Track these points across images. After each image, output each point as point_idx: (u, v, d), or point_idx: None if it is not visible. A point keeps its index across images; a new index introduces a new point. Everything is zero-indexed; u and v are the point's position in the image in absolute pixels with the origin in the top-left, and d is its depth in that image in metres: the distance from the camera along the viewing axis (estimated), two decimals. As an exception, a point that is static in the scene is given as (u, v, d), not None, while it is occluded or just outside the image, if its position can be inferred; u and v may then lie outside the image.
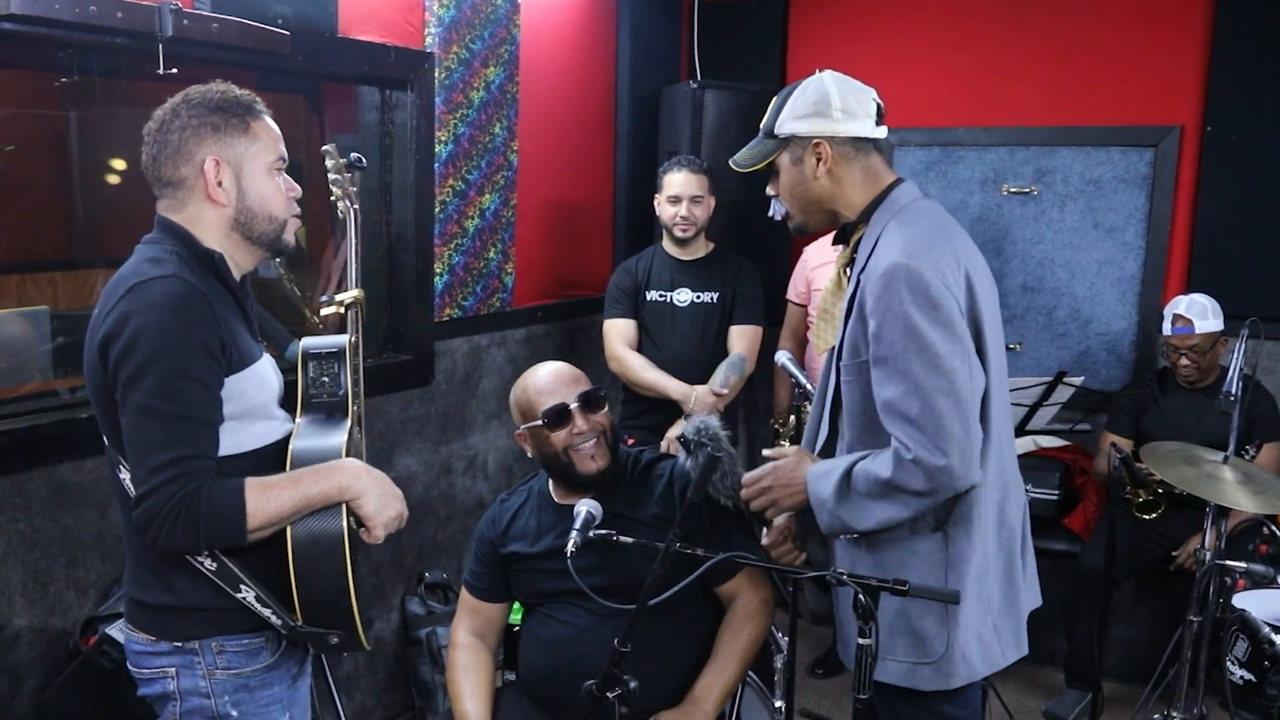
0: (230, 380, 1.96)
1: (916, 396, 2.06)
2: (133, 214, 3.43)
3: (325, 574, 1.98)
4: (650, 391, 3.97)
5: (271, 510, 1.91)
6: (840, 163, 2.24)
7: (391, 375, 3.78)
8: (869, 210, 2.25)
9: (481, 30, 3.97)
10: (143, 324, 1.85)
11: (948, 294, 2.09)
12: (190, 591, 1.99)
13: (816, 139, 2.23)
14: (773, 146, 2.29)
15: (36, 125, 3.15)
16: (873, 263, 2.16)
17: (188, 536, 1.86)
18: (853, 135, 2.23)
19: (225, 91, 2.04)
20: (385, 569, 3.89)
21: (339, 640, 2.04)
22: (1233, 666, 3.16)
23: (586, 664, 2.31)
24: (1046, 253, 4.76)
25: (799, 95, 2.25)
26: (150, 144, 2.03)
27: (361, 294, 2.37)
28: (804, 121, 2.23)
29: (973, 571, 2.18)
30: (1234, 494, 2.92)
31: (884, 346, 2.09)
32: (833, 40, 5.12)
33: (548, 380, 2.59)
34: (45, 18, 2.52)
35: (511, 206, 4.27)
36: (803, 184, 2.28)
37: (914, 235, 2.15)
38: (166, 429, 1.85)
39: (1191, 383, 4.11)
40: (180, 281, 1.90)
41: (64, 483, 2.81)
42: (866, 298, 2.13)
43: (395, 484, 2.12)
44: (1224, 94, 4.33)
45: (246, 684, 2.04)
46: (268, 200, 2.06)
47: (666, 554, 2.07)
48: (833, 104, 2.22)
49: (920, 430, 2.06)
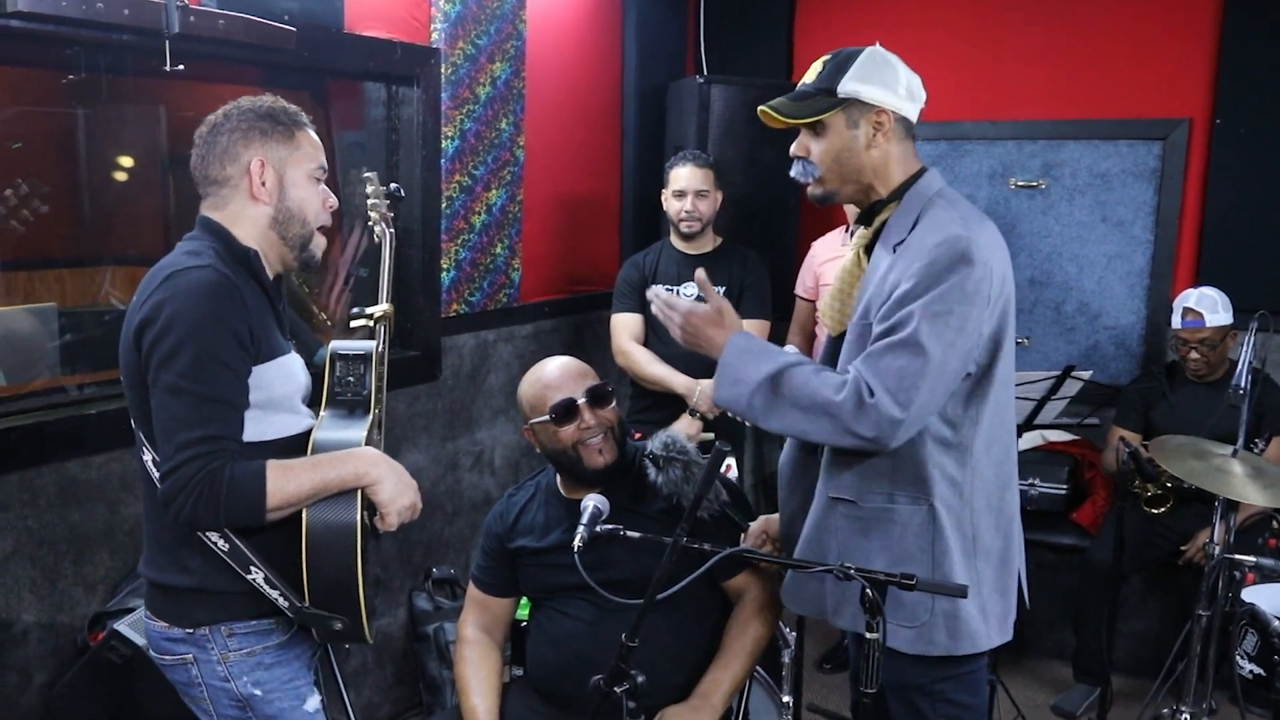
0: (257, 369, 2.04)
1: (911, 351, 2.04)
2: (139, 211, 3.45)
3: (336, 560, 2.04)
4: (656, 386, 3.97)
5: (290, 491, 1.99)
6: (893, 138, 2.21)
7: (398, 371, 3.78)
8: (901, 190, 2.23)
9: (487, 25, 3.97)
10: (177, 309, 1.95)
11: (989, 277, 2.09)
12: (203, 572, 2.06)
13: (881, 108, 2.19)
14: (828, 104, 2.20)
15: (43, 123, 3.15)
16: (920, 233, 2.13)
17: (209, 512, 1.93)
18: (907, 116, 2.22)
19: (274, 102, 2.17)
20: (393, 564, 3.90)
21: (342, 626, 2.09)
22: (1242, 661, 3.16)
23: (594, 659, 2.31)
24: (1054, 246, 4.74)
25: (866, 60, 2.19)
26: (200, 145, 2.14)
27: (391, 309, 2.45)
28: (871, 87, 2.18)
29: (958, 547, 2.18)
30: (1243, 488, 2.91)
31: (906, 298, 2.07)
32: (839, 33, 5.10)
33: (556, 375, 2.59)
34: (51, 15, 2.52)
35: (518, 202, 4.26)
36: (852, 150, 2.21)
37: (967, 214, 2.16)
38: (195, 409, 1.93)
39: (1200, 376, 4.10)
40: (215, 272, 2.00)
41: (72, 479, 2.82)
42: (908, 263, 2.10)
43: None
44: (1233, 86, 4.32)
45: (262, 661, 2.12)
46: (305, 203, 2.18)
47: (674, 549, 2.06)
48: (900, 79, 2.20)
49: (898, 380, 2.04)
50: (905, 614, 2.18)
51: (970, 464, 2.18)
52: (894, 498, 2.19)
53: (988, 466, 2.21)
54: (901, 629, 2.18)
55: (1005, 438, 2.27)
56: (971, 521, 2.20)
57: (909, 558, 2.18)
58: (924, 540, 2.18)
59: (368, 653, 3.83)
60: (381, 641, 3.89)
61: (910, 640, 2.20)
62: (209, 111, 2.18)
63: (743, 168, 4.51)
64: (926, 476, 2.16)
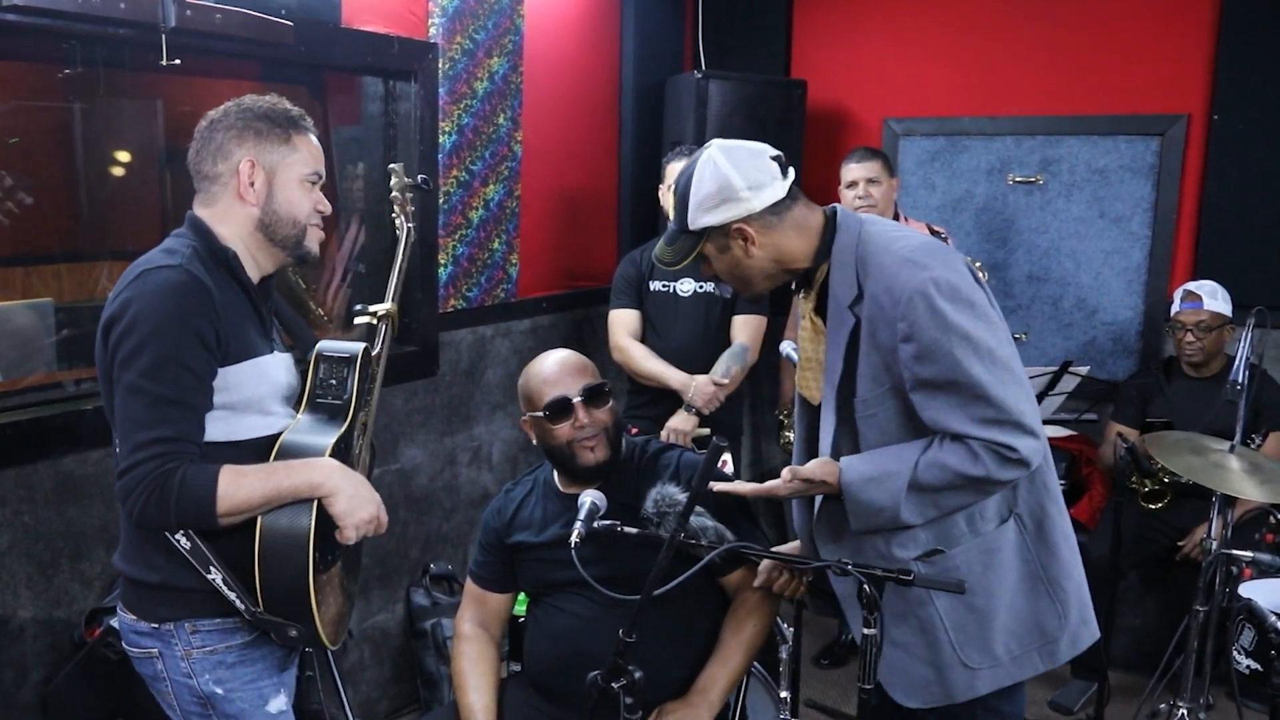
0: (227, 370, 2.04)
1: (988, 395, 2.05)
2: (136, 206, 3.44)
3: (288, 567, 2.04)
4: (652, 381, 3.97)
5: (241, 498, 1.98)
6: (766, 233, 2.17)
7: (396, 366, 3.77)
8: (824, 248, 2.20)
9: (485, 20, 3.96)
10: (142, 309, 1.95)
11: (976, 287, 2.11)
12: (167, 569, 2.07)
13: (735, 224, 2.16)
14: (693, 242, 2.20)
15: (40, 117, 3.15)
16: (879, 288, 2.11)
17: (160, 513, 1.94)
18: (767, 206, 2.15)
19: (276, 103, 2.16)
20: (391, 560, 3.90)
21: (298, 633, 2.10)
22: (1239, 656, 3.15)
23: (592, 654, 2.31)
24: (1052, 242, 4.74)
25: (700, 187, 2.15)
26: (197, 139, 2.14)
27: (395, 308, 2.45)
28: (716, 213, 2.15)
29: (1061, 543, 2.24)
30: (1240, 483, 2.91)
31: (938, 362, 2.06)
32: (836, 30, 5.11)
33: (553, 370, 2.59)
34: (48, 9, 2.52)
35: (516, 197, 4.26)
36: (739, 263, 2.21)
37: (908, 247, 2.14)
38: (153, 409, 1.94)
39: (1196, 365, 4.10)
40: (184, 272, 1.99)
41: (69, 475, 2.82)
42: (889, 324, 2.09)
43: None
44: (1231, 82, 4.32)
45: (224, 660, 2.13)
46: (294, 206, 2.16)
47: (670, 545, 2.06)
48: (735, 185, 2.13)
49: (1000, 426, 2.06)
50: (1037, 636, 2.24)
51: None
52: (976, 526, 2.21)
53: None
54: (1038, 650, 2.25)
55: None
56: (1058, 514, 2.26)
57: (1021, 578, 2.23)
58: (1029, 554, 2.22)
59: (365, 648, 3.84)
60: (379, 637, 3.89)
61: (1049, 654, 2.26)
62: (206, 106, 2.18)
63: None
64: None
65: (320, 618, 2.09)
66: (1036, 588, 2.23)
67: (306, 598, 2.05)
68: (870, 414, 2.18)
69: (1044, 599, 2.23)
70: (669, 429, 3.86)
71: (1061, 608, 2.24)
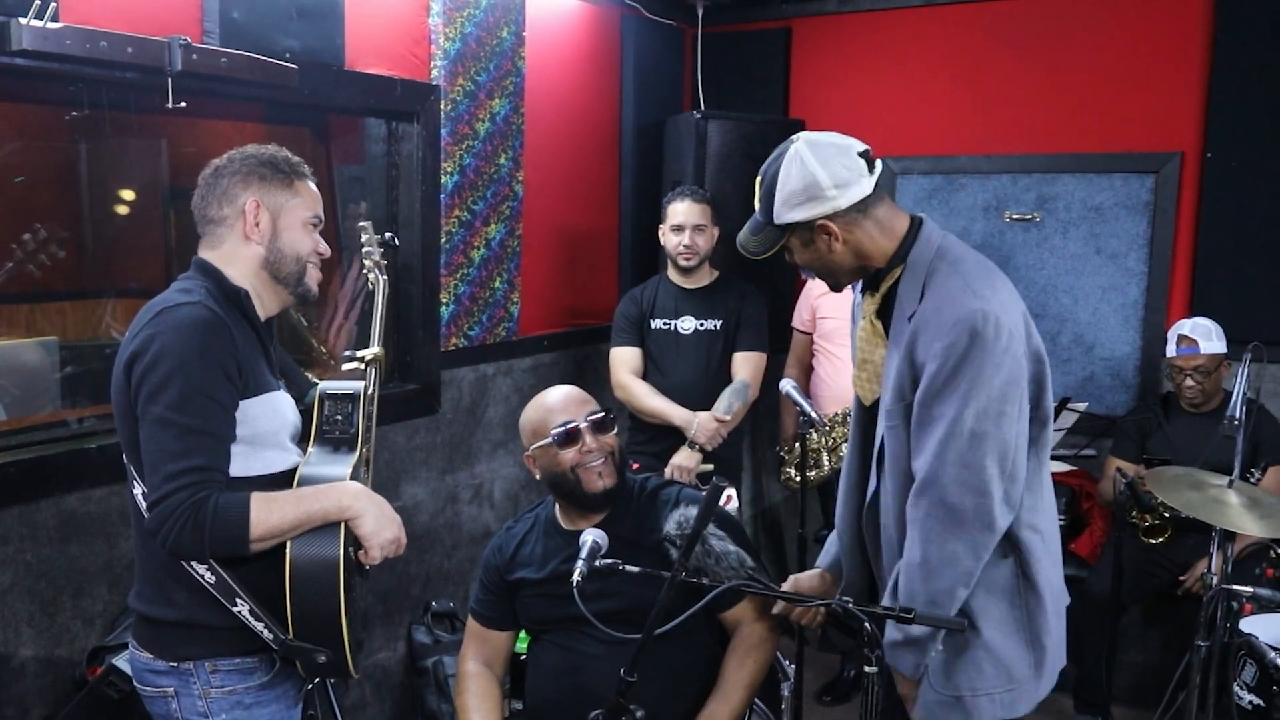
0: (245, 404, 2.08)
1: (961, 439, 2.05)
2: (140, 244, 3.47)
3: (319, 592, 2.07)
4: (654, 418, 3.99)
5: (274, 522, 2.02)
6: (851, 230, 2.18)
7: (398, 404, 3.80)
8: (901, 253, 2.21)
9: (487, 63, 4.01)
10: (166, 344, 2.00)
11: (1019, 337, 2.11)
12: (189, 605, 2.09)
13: (820, 220, 2.17)
14: (777, 234, 2.22)
15: (47, 157, 3.18)
16: (932, 306, 2.12)
17: (194, 541, 1.96)
18: (854, 203, 2.16)
19: (278, 151, 2.24)
20: (392, 597, 3.89)
21: (326, 660, 2.11)
22: (1241, 691, 3.15)
23: (593, 692, 2.31)
24: (1049, 279, 4.77)
25: (786, 182, 2.16)
26: (202, 186, 2.21)
27: (382, 352, 2.50)
28: (801, 209, 2.16)
29: (1047, 594, 2.22)
30: (1239, 518, 2.91)
31: (945, 388, 2.06)
32: (834, 71, 5.16)
33: (559, 401, 2.64)
34: (56, 53, 2.55)
35: (517, 236, 4.29)
36: (823, 257, 2.22)
37: (976, 276, 2.14)
38: (182, 440, 1.97)
39: (1196, 405, 4.11)
40: (204, 309, 2.05)
41: (71, 513, 2.82)
42: (929, 341, 2.09)
43: (399, 513, 2.20)
44: (1223, 120, 4.36)
45: (242, 701, 2.13)
46: (297, 245, 2.22)
47: (672, 583, 2.07)
48: (823, 183, 2.13)
49: (956, 469, 2.05)
50: (1003, 678, 2.21)
51: (1031, 501, 2.20)
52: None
53: (1048, 509, 2.25)
54: (1000, 694, 2.21)
55: (1048, 475, 2.30)
56: (1050, 565, 2.24)
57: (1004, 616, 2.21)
58: (1018, 596, 2.21)
59: (366, 686, 3.82)
60: (380, 675, 3.88)
61: (1009, 702, 2.22)
62: (210, 146, 2.23)
63: (739, 202, 4.53)
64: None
65: (349, 643, 2.11)
66: (1019, 632, 2.21)
67: (338, 622, 2.07)
68: (893, 425, 2.19)
69: (1021, 644, 2.21)
70: (673, 466, 3.87)
71: (1035, 658, 2.22)
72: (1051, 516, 2.29)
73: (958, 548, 2.07)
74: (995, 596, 2.18)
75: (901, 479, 2.20)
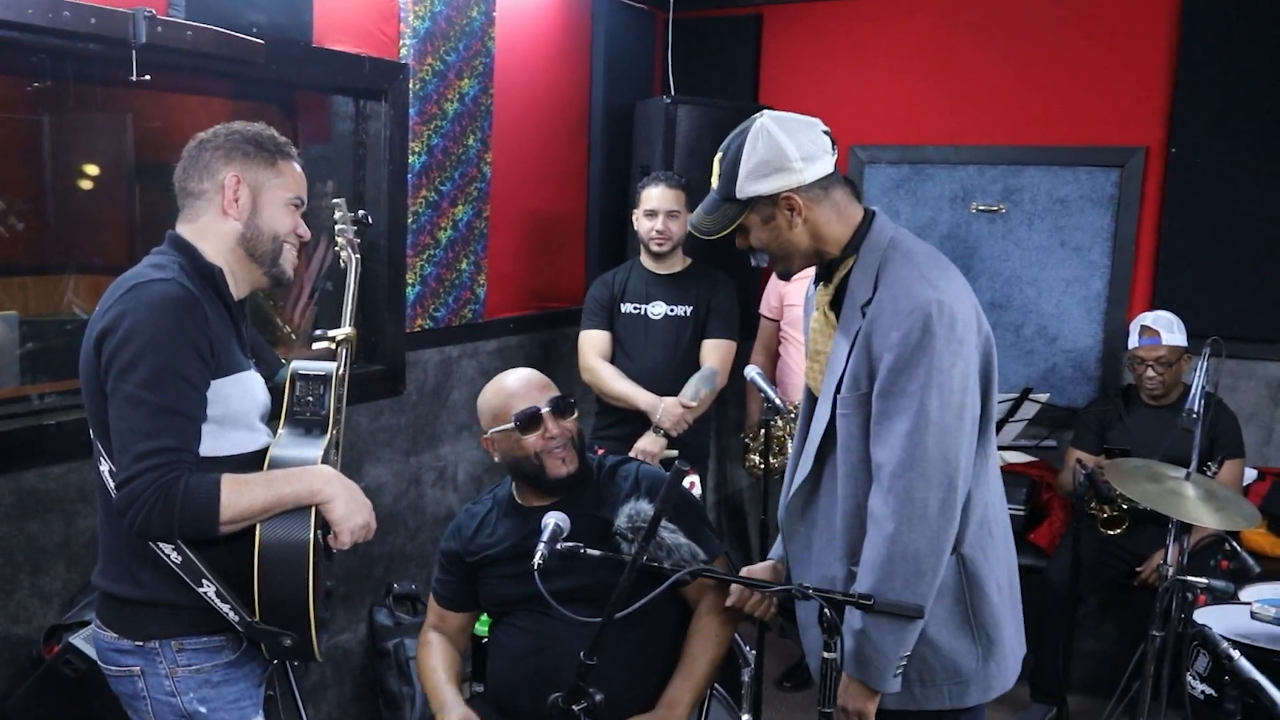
0: (216, 384, 2.06)
1: (927, 431, 2.06)
2: (104, 220, 3.42)
3: (288, 576, 2.06)
4: (620, 402, 3.99)
5: (244, 505, 2.00)
6: (812, 207, 2.17)
7: (362, 385, 3.77)
8: (854, 242, 2.21)
9: (457, 42, 3.98)
10: (138, 320, 1.97)
11: (972, 328, 2.12)
12: (154, 585, 2.07)
13: (785, 194, 2.16)
14: (736, 210, 2.21)
15: (8, 129, 3.13)
16: (888, 295, 2.12)
17: (163, 523, 1.94)
18: (818, 178, 2.16)
19: (264, 129, 2.22)
20: (354, 579, 3.88)
21: (292, 643, 2.10)
22: (1194, 681, 3.19)
23: (554, 674, 2.31)
24: (1014, 270, 4.81)
25: (752, 153, 2.15)
26: (184, 159, 2.19)
27: (354, 332, 2.49)
28: (766, 181, 2.15)
29: (993, 588, 2.23)
30: (1196, 510, 2.95)
31: (903, 378, 2.07)
32: (805, 59, 5.17)
33: (519, 385, 2.63)
34: (17, 22, 2.51)
35: (484, 218, 4.27)
36: (781, 236, 2.21)
37: (929, 267, 2.15)
38: (153, 419, 1.95)
39: (1156, 398, 4.16)
40: (177, 285, 2.01)
41: (30, 490, 2.79)
42: (885, 331, 2.10)
43: (365, 494, 2.18)
44: (1188, 116, 4.40)
45: (209, 679, 2.13)
46: (275, 223, 2.20)
47: (633, 567, 2.07)
48: (790, 155, 2.13)
49: (924, 462, 2.06)
50: (949, 673, 2.22)
51: (978, 495, 2.21)
52: None
53: (993, 493, 2.26)
54: (948, 686, 2.23)
55: (995, 466, 2.31)
56: (997, 561, 2.25)
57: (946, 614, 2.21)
58: (959, 592, 2.21)
59: (327, 668, 3.81)
60: (341, 656, 3.87)
61: (958, 694, 2.23)
62: (177, 122, 2.20)
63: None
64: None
65: (315, 625, 2.10)
66: (963, 628, 2.22)
67: (306, 605, 2.07)
68: (847, 413, 2.20)
69: (965, 640, 2.22)
70: (637, 450, 3.88)
71: (983, 652, 2.23)
72: (1001, 507, 2.31)
73: (921, 541, 2.08)
74: (938, 596, 2.18)
75: (854, 467, 2.20)
